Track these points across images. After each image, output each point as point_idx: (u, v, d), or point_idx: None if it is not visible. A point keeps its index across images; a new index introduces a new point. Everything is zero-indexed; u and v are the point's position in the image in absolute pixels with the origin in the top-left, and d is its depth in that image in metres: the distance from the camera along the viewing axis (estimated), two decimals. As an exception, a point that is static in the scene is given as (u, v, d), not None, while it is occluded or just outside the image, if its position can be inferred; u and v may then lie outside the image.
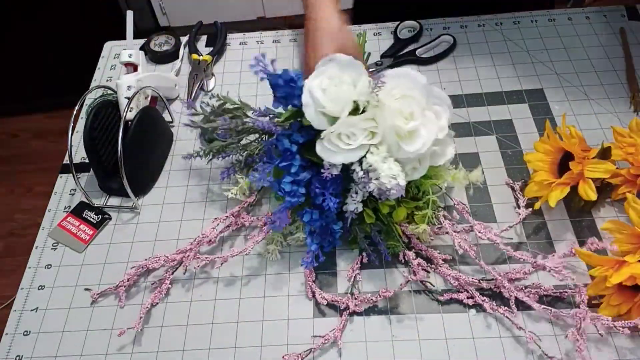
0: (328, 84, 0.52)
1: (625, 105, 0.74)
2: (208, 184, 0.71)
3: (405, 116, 0.52)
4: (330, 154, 0.52)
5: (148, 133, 0.70)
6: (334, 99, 0.51)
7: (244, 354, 0.57)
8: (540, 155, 0.63)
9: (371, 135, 0.52)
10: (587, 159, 0.58)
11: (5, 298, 1.51)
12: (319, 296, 0.58)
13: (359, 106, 0.53)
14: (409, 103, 0.52)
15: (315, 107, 0.52)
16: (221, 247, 0.65)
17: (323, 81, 0.52)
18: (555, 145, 0.62)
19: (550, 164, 0.62)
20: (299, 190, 0.54)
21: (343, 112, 0.51)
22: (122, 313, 0.60)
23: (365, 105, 0.52)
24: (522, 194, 0.64)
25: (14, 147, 1.94)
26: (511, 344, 0.55)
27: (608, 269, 0.53)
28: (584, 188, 0.58)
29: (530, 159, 0.64)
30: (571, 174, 0.59)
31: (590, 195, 0.57)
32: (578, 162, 0.58)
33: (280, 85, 0.53)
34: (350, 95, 0.52)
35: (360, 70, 0.53)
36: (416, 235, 0.61)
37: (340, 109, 0.51)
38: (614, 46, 0.81)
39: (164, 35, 0.88)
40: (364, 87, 0.52)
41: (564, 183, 0.60)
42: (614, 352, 0.54)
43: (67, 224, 0.68)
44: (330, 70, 0.53)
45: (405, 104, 0.52)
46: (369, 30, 0.87)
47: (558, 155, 0.62)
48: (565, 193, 0.59)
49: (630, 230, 0.54)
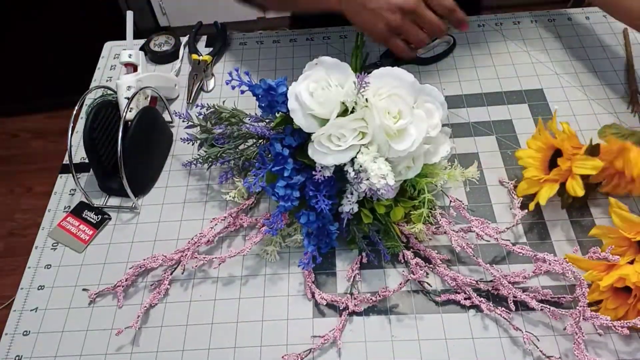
0: (315, 87, 0.52)
1: (625, 105, 0.74)
2: (208, 184, 0.71)
3: (394, 115, 0.52)
4: (321, 156, 0.52)
5: (148, 133, 0.70)
6: (322, 102, 0.51)
7: (243, 354, 0.57)
8: (531, 152, 0.63)
9: (361, 136, 0.52)
10: (576, 156, 0.59)
11: (5, 298, 1.51)
12: (319, 296, 0.58)
13: (347, 107, 0.53)
14: (396, 102, 0.52)
15: (304, 111, 0.52)
16: (220, 247, 0.65)
17: (310, 85, 0.52)
18: (546, 142, 0.62)
19: (541, 161, 0.63)
20: (293, 194, 0.55)
21: (332, 114, 0.51)
22: (121, 313, 0.60)
23: (353, 106, 0.52)
24: (515, 192, 0.65)
25: (14, 147, 1.94)
26: (510, 345, 0.55)
27: (600, 272, 0.53)
28: (572, 184, 0.58)
29: (521, 155, 0.64)
30: (559, 170, 0.59)
31: (578, 191, 0.57)
32: (567, 159, 0.58)
33: (261, 94, 0.54)
34: (338, 96, 0.52)
35: (347, 71, 0.53)
36: (414, 235, 0.61)
37: (329, 111, 0.51)
38: (614, 46, 0.81)
39: (164, 36, 0.88)
40: (351, 88, 0.52)
41: (553, 180, 0.60)
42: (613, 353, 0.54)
43: (67, 224, 0.68)
44: (316, 74, 0.53)
45: (392, 102, 0.52)
46: (368, 31, 0.87)
47: (549, 153, 0.62)
48: (555, 190, 0.59)
49: (617, 233, 0.55)
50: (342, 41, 0.86)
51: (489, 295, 0.58)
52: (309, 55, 0.85)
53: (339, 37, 0.87)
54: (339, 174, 0.55)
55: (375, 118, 0.51)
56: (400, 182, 0.58)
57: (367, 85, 0.51)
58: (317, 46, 0.86)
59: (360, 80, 0.51)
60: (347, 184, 0.55)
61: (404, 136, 0.52)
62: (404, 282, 0.57)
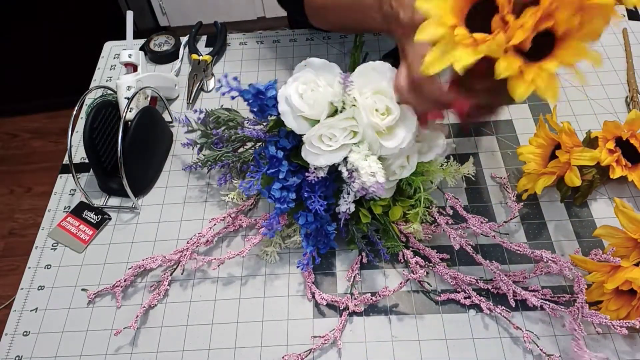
0: (305, 89, 0.52)
1: (625, 105, 0.74)
2: (208, 183, 0.71)
3: (382, 112, 0.51)
4: (313, 157, 0.52)
5: (148, 133, 0.70)
6: (311, 103, 0.51)
7: (243, 355, 0.57)
8: (532, 148, 0.64)
9: (352, 135, 0.52)
10: (574, 148, 0.59)
11: (5, 298, 1.51)
12: (319, 296, 0.58)
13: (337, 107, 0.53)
14: (382, 99, 0.52)
15: (294, 113, 0.52)
16: (220, 247, 0.65)
17: (299, 87, 0.52)
18: (546, 138, 0.63)
19: (542, 157, 0.63)
20: (289, 196, 0.55)
21: (322, 115, 0.51)
22: (121, 314, 0.60)
23: (342, 106, 0.52)
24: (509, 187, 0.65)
25: (14, 147, 1.93)
26: (511, 344, 0.55)
27: (604, 274, 0.53)
28: (570, 176, 0.59)
29: (522, 151, 0.65)
30: (558, 162, 0.59)
31: (575, 181, 0.58)
32: (565, 152, 0.59)
33: (251, 99, 0.54)
34: (327, 97, 0.52)
35: (336, 72, 0.53)
36: (413, 234, 0.61)
37: (319, 112, 0.51)
38: (614, 46, 0.81)
39: (164, 35, 0.88)
40: (339, 88, 0.52)
41: (551, 172, 0.60)
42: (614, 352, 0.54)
43: (67, 224, 0.68)
44: (305, 75, 0.53)
45: (378, 100, 0.51)
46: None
47: (549, 149, 0.63)
48: (551, 181, 0.60)
49: (622, 234, 0.55)
50: (342, 41, 0.86)
51: (488, 294, 0.58)
52: (309, 55, 0.84)
53: (339, 37, 0.87)
54: (336, 174, 0.55)
55: (363, 116, 0.51)
56: (396, 181, 0.58)
57: (351, 84, 0.51)
58: (317, 46, 0.86)
59: (344, 79, 0.51)
60: (344, 184, 0.55)
61: (393, 133, 0.52)
62: (404, 281, 0.57)
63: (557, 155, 0.60)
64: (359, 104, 0.51)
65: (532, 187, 0.61)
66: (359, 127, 0.52)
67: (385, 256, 0.60)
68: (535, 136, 0.65)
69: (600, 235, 0.57)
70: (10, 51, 1.78)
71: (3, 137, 1.96)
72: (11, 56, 1.79)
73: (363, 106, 0.51)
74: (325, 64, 0.53)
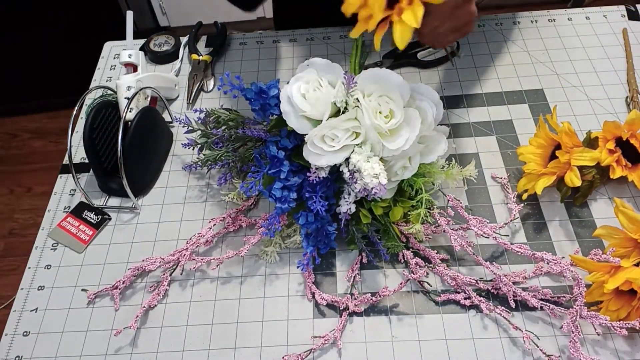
0: (307, 89, 0.52)
1: (625, 105, 0.74)
2: (208, 184, 0.71)
3: (386, 114, 0.51)
4: (315, 157, 0.52)
5: (148, 133, 0.70)
6: (314, 103, 0.51)
7: (243, 355, 0.57)
8: (532, 148, 0.64)
9: (355, 136, 0.52)
10: (574, 148, 0.59)
11: (5, 298, 1.51)
12: (319, 297, 0.58)
13: (340, 108, 0.53)
14: (386, 102, 0.52)
15: (296, 113, 0.52)
16: (219, 247, 0.65)
17: (302, 86, 0.52)
18: (546, 138, 0.63)
19: (542, 157, 0.63)
20: (290, 195, 0.55)
21: (324, 115, 0.51)
22: (121, 314, 0.60)
23: (345, 107, 0.52)
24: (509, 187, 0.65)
25: (14, 147, 1.93)
26: (510, 345, 0.55)
27: (604, 274, 0.53)
28: (570, 176, 0.59)
29: (522, 151, 0.65)
30: (558, 162, 0.59)
31: (575, 181, 0.58)
32: (565, 152, 0.59)
33: (253, 97, 0.54)
34: (330, 97, 0.52)
35: (339, 72, 0.53)
36: (413, 235, 0.61)
37: (321, 112, 0.51)
38: (614, 46, 0.81)
39: (163, 36, 0.88)
40: (342, 88, 0.52)
41: (551, 172, 0.60)
42: (614, 353, 0.54)
43: (67, 224, 0.68)
44: (307, 75, 0.53)
45: (383, 102, 0.51)
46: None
47: (549, 149, 0.63)
48: (551, 181, 0.60)
49: (622, 234, 0.55)
50: (342, 41, 0.86)
51: (488, 295, 0.58)
52: (309, 55, 0.85)
53: (339, 37, 0.87)
54: (337, 175, 0.55)
55: (366, 118, 0.51)
56: (397, 182, 0.58)
57: (355, 85, 0.51)
58: (317, 46, 0.86)
59: (348, 80, 0.51)
60: (345, 185, 0.55)
61: (397, 135, 0.52)
62: (404, 282, 0.57)
63: (557, 156, 0.60)
64: (362, 106, 0.51)
65: (532, 188, 0.61)
66: (362, 128, 0.52)
67: (385, 256, 0.60)
68: (535, 136, 0.65)
69: (600, 236, 0.57)
70: (10, 51, 1.78)
71: (3, 137, 1.96)
72: (11, 56, 1.79)
73: (366, 108, 0.51)
74: (328, 64, 0.53)
